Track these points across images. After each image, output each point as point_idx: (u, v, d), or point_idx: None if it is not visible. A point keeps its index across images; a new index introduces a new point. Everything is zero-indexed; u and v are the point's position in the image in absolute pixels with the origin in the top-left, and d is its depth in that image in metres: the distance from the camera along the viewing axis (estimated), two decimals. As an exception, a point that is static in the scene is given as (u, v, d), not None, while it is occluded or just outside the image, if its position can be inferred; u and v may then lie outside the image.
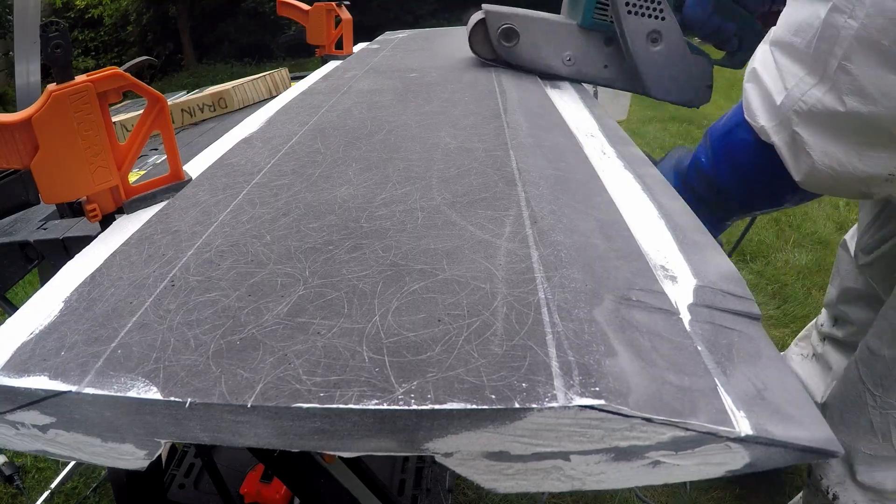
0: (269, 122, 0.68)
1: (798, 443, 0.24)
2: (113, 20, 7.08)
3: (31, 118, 0.38)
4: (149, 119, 0.46)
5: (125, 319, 0.31)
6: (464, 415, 0.24)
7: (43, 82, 0.68)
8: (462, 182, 0.46)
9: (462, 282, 0.32)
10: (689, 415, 0.24)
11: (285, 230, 0.40)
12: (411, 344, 0.28)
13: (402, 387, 0.25)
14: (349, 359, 0.27)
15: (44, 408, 0.27)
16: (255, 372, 0.27)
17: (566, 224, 0.39)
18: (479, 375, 0.25)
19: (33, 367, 0.28)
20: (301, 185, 0.48)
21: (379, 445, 0.25)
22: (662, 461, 0.25)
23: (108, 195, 0.45)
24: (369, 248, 0.37)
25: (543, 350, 0.26)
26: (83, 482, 1.23)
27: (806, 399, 0.26)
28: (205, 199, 0.47)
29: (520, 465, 0.26)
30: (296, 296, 0.32)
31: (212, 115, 1.02)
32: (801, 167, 0.46)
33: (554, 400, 0.24)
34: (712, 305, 0.32)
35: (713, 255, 0.38)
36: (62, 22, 0.40)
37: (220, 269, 0.36)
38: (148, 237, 0.41)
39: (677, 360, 0.27)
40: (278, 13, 1.20)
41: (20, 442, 0.29)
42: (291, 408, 0.25)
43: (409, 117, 0.65)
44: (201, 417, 0.26)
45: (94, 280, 0.36)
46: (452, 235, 0.38)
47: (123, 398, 0.26)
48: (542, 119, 0.64)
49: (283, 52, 6.81)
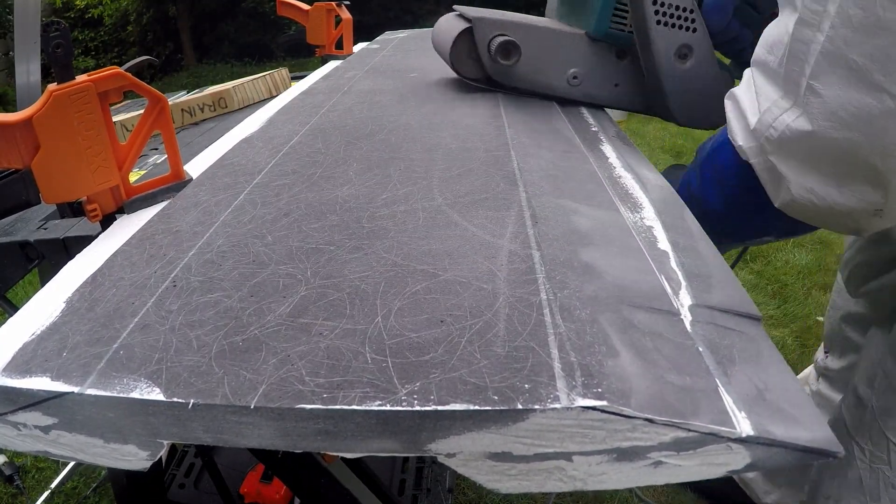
0: (269, 122, 0.68)
1: (799, 443, 0.24)
2: (113, 20, 7.07)
3: (32, 118, 0.38)
4: (149, 119, 0.46)
5: (127, 320, 0.31)
6: (466, 416, 0.24)
7: (43, 82, 0.68)
8: (463, 182, 0.46)
9: (464, 282, 0.32)
10: (690, 415, 0.24)
11: (287, 230, 0.40)
12: (414, 345, 0.28)
13: (404, 388, 0.25)
14: (352, 360, 0.27)
15: (46, 409, 0.27)
16: (257, 373, 0.27)
17: (567, 224, 0.39)
18: (482, 376, 0.25)
19: (35, 367, 0.28)
20: (302, 185, 0.48)
21: (382, 446, 0.25)
22: (664, 462, 0.25)
23: (108, 195, 0.45)
24: (371, 249, 0.37)
25: (546, 351, 0.26)
26: (83, 482, 1.23)
27: (807, 400, 0.27)
28: (206, 198, 0.47)
29: (522, 465, 0.26)
30: (298, 296, 0.32)
31: (212, 115, 1.02)
32: (780, 196, 0.43)
33: (556, 401, 0.24)
34: (713, 306, 0.32)
35: (713, 256, 0.38)
36: (63, 21, 0.40)
37: (222, 270, 0.36)
38: (149, 237, 0.41)
39: (679, 360, 0.27)
40: (278, 13, 1.20)
41: (22, 443, 0.29)
42: (294, 409, 0.25)
43: (409, 117, 0.65)
44: (204, 418, 0.26)
45: (95, 280, 0.36)
46: (454, 236, 0.38)
47: (126, 399, 0.26)
48: (542, 119, 0.64)
49: (284, 52, 6.81)
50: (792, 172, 0.40)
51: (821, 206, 0.40)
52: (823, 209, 0.40)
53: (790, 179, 0.41)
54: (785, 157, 0.40)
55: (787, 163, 0.40)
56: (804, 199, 0.41)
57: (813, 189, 0.40)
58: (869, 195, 0.38)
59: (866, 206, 0.39)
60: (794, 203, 0.42)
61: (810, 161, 0.39)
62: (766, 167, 0.42)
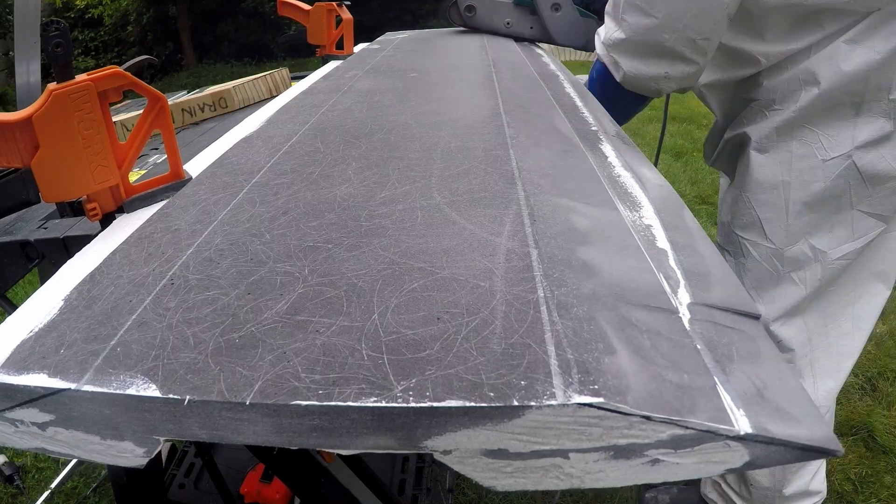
0: (269, 122, 0.68)
1: (797, 441, 0.24)
2: (113, 20, 7.08)
3: (32, 117, 0.38)
4: (149, 118, 0.46)
5: (124, 318, 0.31)
6: (462, 412, 0.24)
7: (43, 82, 0.68)
8: (462, 181, 0.46)
9: (461, 280, 0.32)
10: (688, 413, 0.24)
11: (285, 229, 0.40)
12: (410, 342, 0.28)
13: (400, 384, 0.25)
14: (348, 356, 0.27)
15: (43, 405, 0.27)
16: (253, 370, 0.27)
17: (566, 223, 0.39)
18: (478, 373, 0.25)
19: (32, 364, 0.28)
20: (301, 184, 0.48)
21: (378, 443, 0.25)
22: (662, 459, 0.25)
23: (108, 194, 0.45)
24: (368, 247, 0.37)
25: (542, 348, 0.26)
26: (83, 482, 1.23)
27: (805, 398, 0.26)
28: (205, 197, 0.47)
29: (519, 462, 0.26)
30: (295, 294, 0.32)
31: (212, 115, 1.03)
32: (618, 73, 0.81)
33: (553, 398, 0.24)
34: (712, 304, 0.32)
35: (712, 255, 0.38)
36: (63, 21, 0.40)
37: (220, 268, 0.36)
38: (148, 236, 0.41)
39: (677, 358, 0.27)
40: (279, 13, 1.20)
41: (19, 440, 0.29)
42: (290, 405, 0.25)
43: (409, 117, 0.65)
44: (200, 415, 0.26)
45: (93, 279, 0.36)
46: (452, 234, 0.38)
47: (122, 395, 0.26)
48: (542, 119, 0.64)
49: (284, 52, 6.82)
50: (621, 59, 0.79)
51: (637, 75, 0.78)
52: (639, 77, 0.78)
53: (621, 63, 0.79)
54: (617, 52, 0.79)
55: (618, 55, 0.79)
56: (630, 73, 0.79)
57: (633, 66, 0.78)
58: (659, 65, 0.76)
59: (658, 73, 0.77)
60: (626, 77, 0.80)
61: (627, 52, 0.78)
62: (611, 60, 0.81)
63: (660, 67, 0.75)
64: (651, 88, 0.79)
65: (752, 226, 0.82)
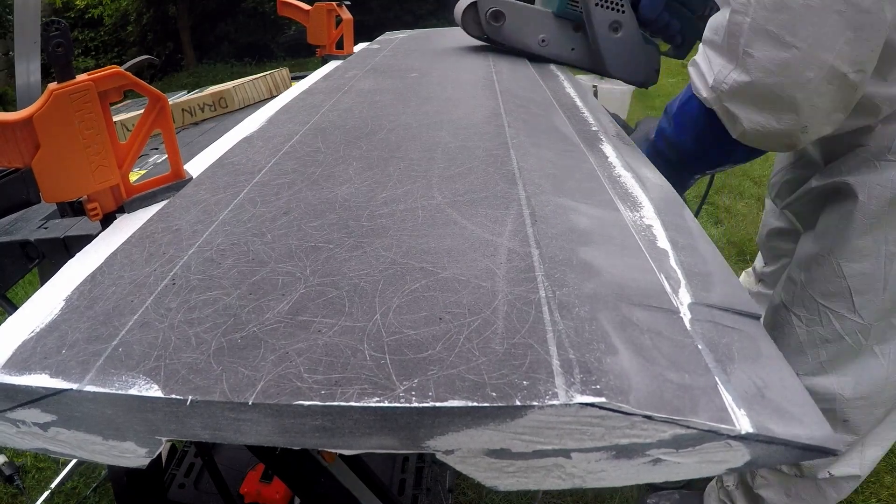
0: (269, 122, 0.68)
1: (798, 440, 0.24)
2: (113, 20, 7.07)
3: (33, 117, 0.38)
4: (150, 118, 0.46)
5: (126, 318, 0.31)
6: (465, 412, 0.24)
7: (43, 82, 0.68)
8: (463, 181, 0.46)
9: (463, 280, 0.32)
10: (689, 413, 0.24)
11: (286, 229, 0.40)
12: (412, 342, 0.28)
13: (403, 384, 0.25)
14: (350, 357, 0.27)
15: (45, 406, 0.27)
16: (256, 370, 0.27)
17: (567, 223, 0.39)
18: (480, 373, 0.25)
19: (34, 365, 0.28)
20: (302, 184, 0.48)
21: (380, 443, 0.25)
22: (663, 459, 0.25)
23: (108, 194, 0.45)
24: (370, 247, 0.37)
25: (544, 348, 0.26)
26: (83, 482, 1.23)
27: (806, 397, 0.27)
28: (206, 197, 0.47)
29: (521, 462, 0.26)
30: (297, 294, 0.32)
31: (212, 115, 1.03)
32: (736, 129, 0.60)
33: (555, 398, 0.24)
34: (713, 305, 0.32)
35: (713, 255, 0.38)
36: (63, 21, 0.40)
37: (222, 268, 0.36)
38: (149, 236, 0.41)
39: (678, 358, 0.27)
40: (279, 13, 1.20)
41: (21, 440, 0.29)
42: (292, 405, 0.25)
43: (409, 117, 0.65)
44: (202, 415, 0.26)
45: (94, 279, 0.36)
46: (453, 234, 0.38)
47: (124, 396, 0.26)
48: (542, 119, 0.64)
49: (284, 52, 6.82)
50: (742, 112, 0.58)
51: (764, 132, 0.58)
52: (766, 134, 0.58)
53: (741, 117, 0.58)
54: (735, 102, 0.58)
55: (737, 105, 0.58)
56: (752, 129, 0.58)
57: (758, 121, 0.57)
58: (794, 119, 0.55)
59: (795, 127, 0.56)
60: (746, 133, 0.59)
61: (753, 102, 0.56)
62: (724, 111, 0.60)
63: (797, 121, 0.55)
64: (782, 144, 0.60)
65: (839, 296, 0.70)
